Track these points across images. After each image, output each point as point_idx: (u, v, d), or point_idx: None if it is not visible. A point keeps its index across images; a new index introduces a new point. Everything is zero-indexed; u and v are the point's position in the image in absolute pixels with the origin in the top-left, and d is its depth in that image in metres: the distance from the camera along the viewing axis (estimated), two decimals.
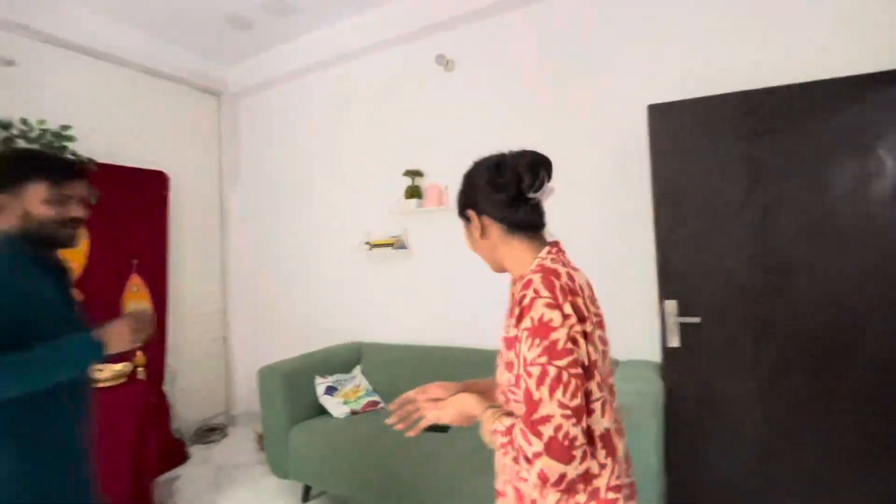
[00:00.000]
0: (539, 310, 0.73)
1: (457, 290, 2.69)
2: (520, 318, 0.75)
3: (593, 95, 2.28)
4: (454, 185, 2.91)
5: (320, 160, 3.23)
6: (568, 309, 0.73)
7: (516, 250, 0.87)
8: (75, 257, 2.58)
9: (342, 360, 2.79)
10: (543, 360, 0.71)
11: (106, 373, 2.16)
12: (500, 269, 0.92)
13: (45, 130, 2.41)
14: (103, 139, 2.78)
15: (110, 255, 2.70)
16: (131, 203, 2.83)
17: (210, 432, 3.23)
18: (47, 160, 1.12)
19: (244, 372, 3.56)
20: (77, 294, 2.67)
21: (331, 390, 2.57)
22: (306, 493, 2.44)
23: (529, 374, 0.72)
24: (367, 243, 2.94)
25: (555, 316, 0.72)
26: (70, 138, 2.48)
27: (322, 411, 2.52)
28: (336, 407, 2.49)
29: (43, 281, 1.06)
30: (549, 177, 0.85)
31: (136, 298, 2.84)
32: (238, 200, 3.65)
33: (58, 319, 1.05)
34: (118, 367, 2.24)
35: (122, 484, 2.09)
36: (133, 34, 2.97)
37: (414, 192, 2.74)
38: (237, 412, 3.55)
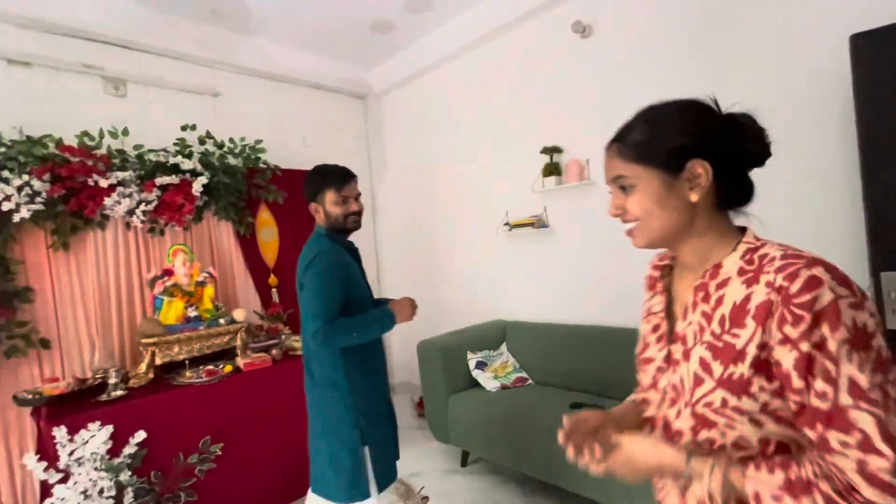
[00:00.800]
0: (848, 313, 0.54)
1: (600, 268, 2.59)
2: (814, 325, 0.55)
3: (769, 33, 1.94)
4: (595, 158, 2.78)
5: (459, 146, 3.36)
6: (871, 305, 0.56)
7: (716, 228, 0.67)
8: (269, 249, 3.14)
9: (489, 337, 2.92)
10: (880, 378, 0.54)
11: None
12: (665, 243, 0.70)
13: (244, 146, 2.96)
14: (283, 148, 3.30)
15: (295, 245, 3.22)
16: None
17: None
18: (331, 173, 1.55)
19: (399, 346, 3.95)
20: (272, 280, 3.21)
21: (481, 365, 2.72)
22: (465, 458, 2.64)
23: (868, 400, 0.53)
24: (507, 224, 2.99)
25: (866, 319, 0.55)
26: (262, 150, 3.00)
27: (474, 384, 2.68)
28: (487, 381, 2.62)
29: (354, 267, 1.57)
30: None
31: None
32: (386, 191, 4.02)
33: (364, 288, 1.58)
34: None
35: None
36: (298, 55, 3.44)
37: (553, 170, 2.69)
38: (394, 382, 3.97)
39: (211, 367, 2.30)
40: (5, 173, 2.10)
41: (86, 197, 2.28)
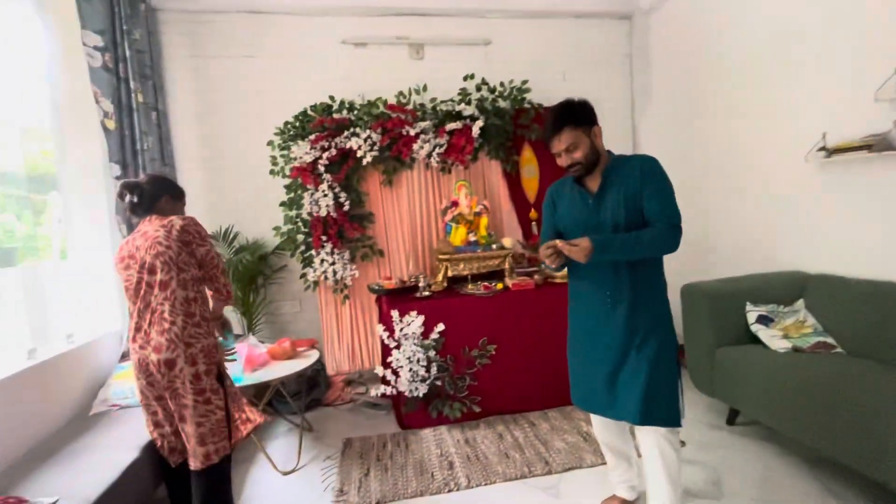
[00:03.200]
0: None
1: None
2: None
3: None
4: None
5: (751, 53, 2.72)
6: None
7: None
8: (531, 186, 3.38)
9: (778, 289, 2.44)
10: None
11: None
12: None
13: (512, 88, 3.20)
14: (545, 86, 3.39)
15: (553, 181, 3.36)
16: None
17: None
18: (544, 131, 1.60)
19: None
20: (533, 214, 3.46)
21: (764, 320, 2.32)
22: (732, 415, 2.40)
23: None
24: (823, 149, 2.31)
25: None
26: (527, 90, 3.18)
27: (752, 339, 2.34)
28: (773, 339, 2.23)
29: (573, 198, 1.63)
30: None
31: None
32: (649, 124, 3.66)
33: (579, 216, 1.59)
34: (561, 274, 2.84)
35: None
36: None
37: None
38: None
39: (486, 283, 2.76)
40: (357, 130, 2.92)
41: (402, 144, 2.96)
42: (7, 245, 2.14)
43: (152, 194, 1.68)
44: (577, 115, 1.49)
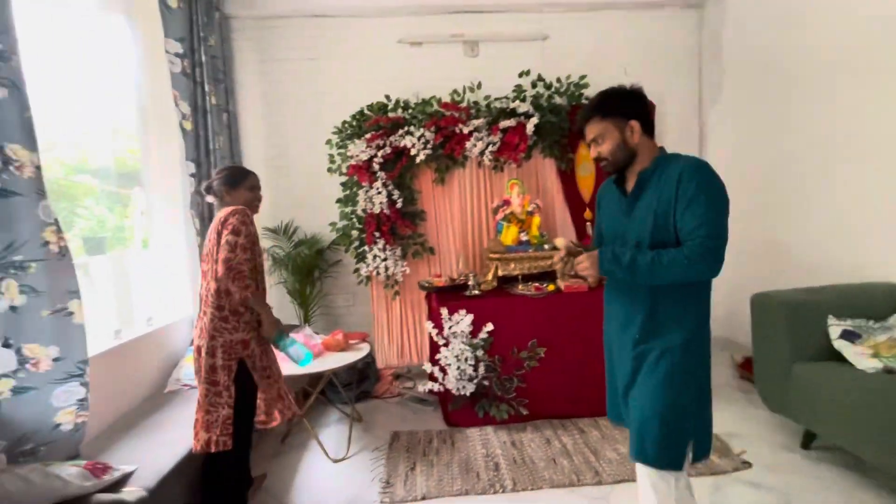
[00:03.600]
0: None
1: None
2: None
3: None
4: None
5: (848, 48, 2.46)
6: None
7: None
8: (586, 184, 3.27)
9: (867, 302, 2.20)
10: None
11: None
12: None
13: (570, 84, 3.10)
14: (604, 81, 3.24)
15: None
16: None
17: None
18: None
19: (721, 298, 3.48)
20: (587, 214, 3.34)
21: (850, 335, 2.10)
22: (808, 438, 2.19)
23: None
24: None
25: None
26: (585, 86, 3.07)
27: (833, 356, 2.12)
28: (860, 358, 2.01)
29: (612, 199, 1.42)
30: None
31: None
32: (718, 116, 3.42)
33: (613, 221, 1.40)
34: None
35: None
36: None
37: None
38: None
39: (538, 284, 2.70)
40: (411, 128, 2.96)
41: (455, 142, 2.96)
42: (100, 234, 2.38)
43: (217, 190, 1.79)
44: (609, 105, 1.29)
